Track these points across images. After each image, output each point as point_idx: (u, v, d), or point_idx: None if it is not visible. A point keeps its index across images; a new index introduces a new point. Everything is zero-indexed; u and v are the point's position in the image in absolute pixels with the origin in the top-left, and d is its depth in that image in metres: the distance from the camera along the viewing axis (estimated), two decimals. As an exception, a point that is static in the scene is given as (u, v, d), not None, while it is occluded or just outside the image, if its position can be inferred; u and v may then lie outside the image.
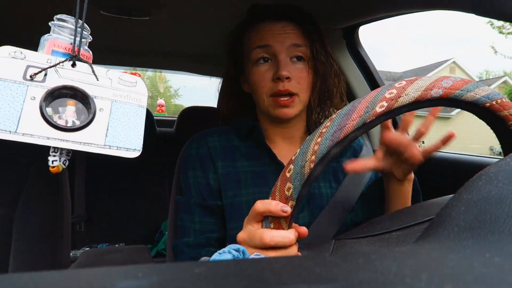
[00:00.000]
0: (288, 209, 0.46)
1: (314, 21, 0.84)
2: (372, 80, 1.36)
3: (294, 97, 0.79)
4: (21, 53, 0.41)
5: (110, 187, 2.05)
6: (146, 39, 1.49)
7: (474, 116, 0.51)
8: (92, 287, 0.16)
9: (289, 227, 0.49)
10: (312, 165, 0.44)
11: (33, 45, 0.46)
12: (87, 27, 0.45)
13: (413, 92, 0.45)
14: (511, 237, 0.21)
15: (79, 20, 0.43)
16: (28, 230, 0.99)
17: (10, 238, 0.98)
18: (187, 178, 0.84)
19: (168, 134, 2.20)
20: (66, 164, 0.44)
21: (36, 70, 0.40)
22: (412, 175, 0.75)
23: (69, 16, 0.44)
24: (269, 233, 0.49)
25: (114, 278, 0.17)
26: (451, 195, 0.55)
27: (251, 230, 0.51)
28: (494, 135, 0.52)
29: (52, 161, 0.42)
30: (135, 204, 2.07)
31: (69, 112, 0.41)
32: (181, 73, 2.16)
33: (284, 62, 0.78)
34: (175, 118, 2.27)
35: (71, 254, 1.72)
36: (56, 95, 0.41)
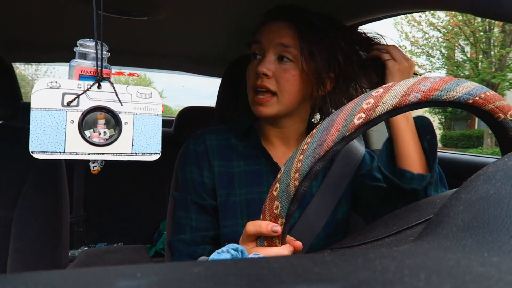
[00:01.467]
0: (278, 228, 0.47)
1: (319, 24, 0.80)
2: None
3: (273, 97, 0.78)
4: (56, 82, 0.47)
5: (109, 187, 2.05)
6: (145, 40, 1.48)
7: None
8: (91, 287, 0.16)
9: (283, 243, 0.50)
10: (297, 183, 0.44)
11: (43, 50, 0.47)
12: (106, 45, 0.50)
13: (390, 99, 0.45)
14: (509, 237, 0.21)
15: (98, 41, 0.49)
16: (27, 230, 0.99)
17: (9, 238, 0.98)
18: (184, 174, 0.85)
19: (166, 134, 2.20)
20: (103, 164, 0.52)
21: (71, 97, 0.47)
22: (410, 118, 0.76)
23: (90, 40, 0.50)
24: (263, 251, 0.50)
25: (113, 277, 0.16)
26: (445, 193, 0.55)
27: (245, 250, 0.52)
28: None
29: (93, 167, 0.51)
30: (134, 203, 2.06)
31: (100, 125, 0.49)
32: (167, 73, 2.16)
33: (268, 59, 0.77)
34: (173, 118, 2.27)
35: (69, 253, 1.71)
36: (89, 116, 0.49)
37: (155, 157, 0.52)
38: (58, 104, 0.46)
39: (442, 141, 15.22)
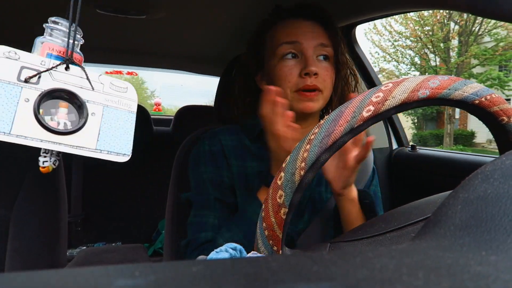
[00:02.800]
0: None
1: (336, 25, 0.86)
2: (369, 79, 1.36)
3: (319, 92, 0.80)
4: (16, 53, 0.41)
5: (107, 186, 2.04)
6: (143, 38, 1.48)
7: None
8: (89, 286, 0.15)
9: (284, 234, 0.50)
10: (302, 172, 0.44)
11: (26, 44, 0.46)
12: (80, 29, 0.45)
13: (399, 94, 0.45)
14: (507, 236, 0.21)
15: (73, 23, 0.44)
16: (25, 229, 0.99)
17: (7, 237, 0.98)
18: (199, 174, 0.84)
19: (164, 133, 2.20)
20: (57, 164, 0.45)
21: (31, 73, 0.41)
22: (354, 194, 0.76)
23: (63, 19, 0.45)
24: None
25: (111, 277, 0.16)
26: (444, 193, 0.56)
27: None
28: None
29: (43, 162, 0.44)
30: (132, 203, 2.06)
31: (61, 114, 0.42)
32: (157, 71, 2.16)
33: (312, 59, 0.79)
34: (171, 117, 2.26)
35: (67, 253, 1.71)
36: (49, 97, 0.42)
37: (123, 159, 0.46)
38: (13, 78, 0.40)
39: (413, 140, 16.01)
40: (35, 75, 0.41)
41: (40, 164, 0.44)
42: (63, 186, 1.12)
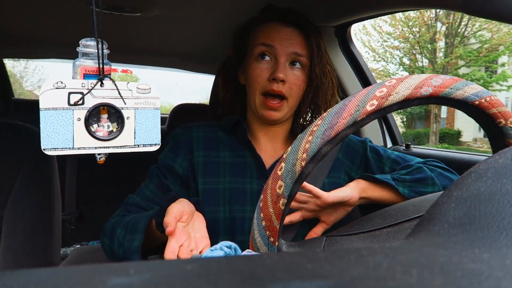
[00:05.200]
0: None
1: (320, 33, 0.87)
2: (364, 77, 1.36)
3: (283, 101, 0.82)
4: (62, 82, 0.50)
5: (101, 184, 2.03)
6: (138, 36, 1.47)
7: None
8: (83, 284, 0.15)
9: (281, 224, 0.49)
10: (303, 163, 0.44)
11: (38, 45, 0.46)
12: (105, 42, 0.52)
13: (403, 90, 0.46)
14: (500, 233, 0.21)
15: (99, 41, 0.52)
16: (18, 227, 0.98)
17: (0, 236, 0.97)
18: (162, 154, 0.90)
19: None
20: (107, 155, 0.55)
21: (77, 96, 0.50)
22: (355, 199, 0.76)
23: (91, 39, 0.53)
24: None
25: (105, 275, 0.16)
26: (440, 192, 0.56)
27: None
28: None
29: (99, 158, 0.54)
30: None
31: (103, 119, 0.52)
32: (152, 69, 2.15)
33: (283, 66, 0.82)
34: (167, 115, 2.26)
35: (61, 251, 1.70)
36: (93, 111, 0.52)
37: (155, 148, 0.55)
38: (64, 103, 0.50)
39: (404, 138, 16.15)
40: (80, 99, 0.50)
41: (97, 159, 0.54)
42: (57, 184, 1.11)
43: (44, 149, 0.48)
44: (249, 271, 0.17)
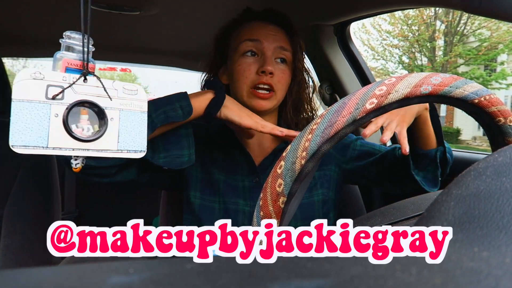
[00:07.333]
0: None
1: (298, 34, 0.92)
2: (363, 75, 1.36)
3: (272, 93, 0.85)
4: (40, 73, 0.45)
5: (101, 183, 2.03)
6: (137, 35, 1.47)
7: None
8: (83, 283, 0.15)
9: (281, 223, 0.49)
10: (303, 162, 0.44)
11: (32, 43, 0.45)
12: (92, 39, 0.48)
13: (402, 88, 0.46)
14: (499, 232, 0.22)
15: (85, 35, 0.47)
16: (17, 226, 0.98)
17: (-1, 235, 0.97)
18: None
19: None
20: (84, 162, 0.50)
21: (56, 90, 0.45)
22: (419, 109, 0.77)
23: (76, 32, 0.49)
24: None
25: (105, 273, 0.16)
26: (440, 190, 0.56)
27: None
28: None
29: (75, 164, 0.49)
30: (126, 200, 2.05)
31: (83, 120, 0.47)
32: (151, 68, 2.15)
33: (270, 59, 0.85)
34: None
35: (61, 250, 1.71)
36: (73, 109, 0.47)
37: (140, 155, 0.50)
38: (41, 96, 0.44)
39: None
40: (60, 92, 0.45)
41: (73, 166, 0.49)
42: (57, 184, 1.11)
43: (12, 146, 0.42)
44: (248, 270, 0.17)
